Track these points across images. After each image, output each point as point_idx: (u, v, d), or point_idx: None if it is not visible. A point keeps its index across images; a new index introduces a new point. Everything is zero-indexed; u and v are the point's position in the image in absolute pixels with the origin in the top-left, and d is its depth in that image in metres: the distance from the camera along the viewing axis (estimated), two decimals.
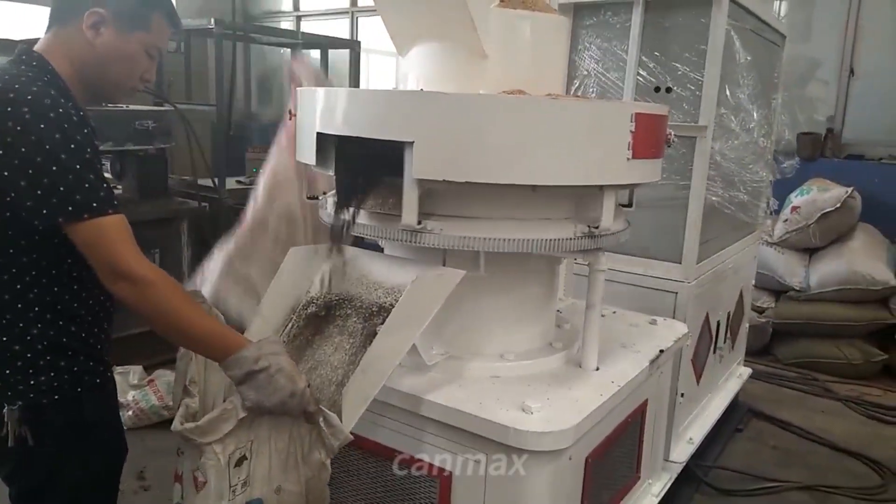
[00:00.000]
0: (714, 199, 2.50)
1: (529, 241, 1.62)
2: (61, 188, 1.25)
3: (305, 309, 1.74)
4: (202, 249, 4.36)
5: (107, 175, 4.43)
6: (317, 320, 1.72)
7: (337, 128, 1.66)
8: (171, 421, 3.26)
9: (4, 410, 1.35)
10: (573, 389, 1.75)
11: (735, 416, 3.47)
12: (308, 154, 1.76)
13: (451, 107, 1.51)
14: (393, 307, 1.63)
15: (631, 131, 1.62)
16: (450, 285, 1.61)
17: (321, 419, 1.36)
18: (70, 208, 1.26)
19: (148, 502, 2.72)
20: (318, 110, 1.71)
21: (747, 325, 3.58)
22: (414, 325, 1.55)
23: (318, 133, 1.70)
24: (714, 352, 2.98)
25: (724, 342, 3.09)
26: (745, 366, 3.68)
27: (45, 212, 1.26)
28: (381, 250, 1.97)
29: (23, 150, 1.24)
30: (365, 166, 1.67)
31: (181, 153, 4.37)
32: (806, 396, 3.94)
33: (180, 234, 4.15)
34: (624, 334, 2.14)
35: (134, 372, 3.39)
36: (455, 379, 1.76)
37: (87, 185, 1.27)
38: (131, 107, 3.91)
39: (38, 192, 1.25)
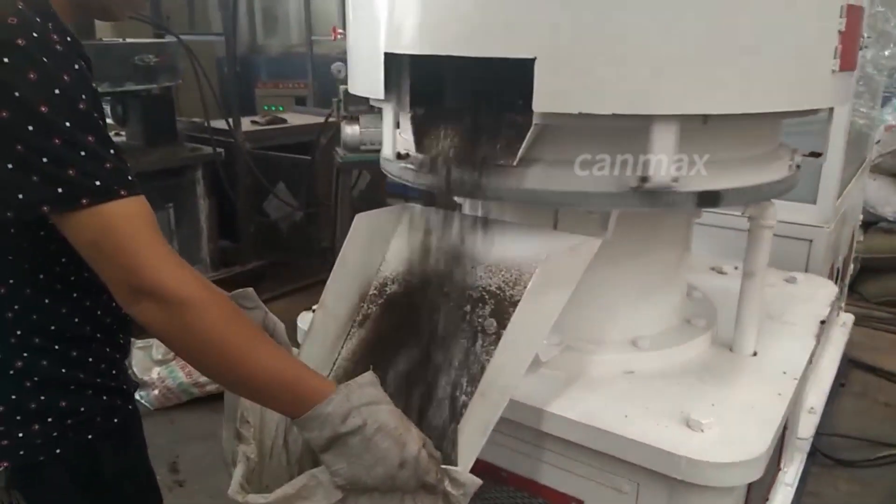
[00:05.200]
0: (862, 122, 2.00)
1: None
2: (44, 159, 0.81)
3: (379, 295, 1.31)
4: (221, 201, 3.99)
5: (108, 121, 3.95)
6: (395, 310, 1.29)
7: (413, 45, 1.18)
8: (202, 400, 2.80)
9: None
10: (739, 388, 1.32)
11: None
12: (372, 85, 1.28)
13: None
14: (503, 292, 1.20)
15: (840, 31, 1.13)
16: (585, 259, 1.17)
17: (446, 482, 0.94)
18: (59, 190, 0.82)
19: (185, 499, 2.37)
20: (384, 20, 1.22)
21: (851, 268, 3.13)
22: (542, 322, 1.11)
23: (385, 54, 1.22)
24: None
25: (842, 292, 2.66)
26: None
27: (20, 197, 0.83)
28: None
29: None
30: (458, 97, 1.19)
31: (187, 92, 3.88)
32: None
33: (195, 184, 3.71)
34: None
35: (158, 346, 3.01)
36: (578, 378, 1.34)
37: (82, 154, 0.83)
38: (129, 40, 3.39)
39: (9, 166, 0.82)
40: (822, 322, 1.62)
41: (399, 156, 1.27)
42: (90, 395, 1.00)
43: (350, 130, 3.13)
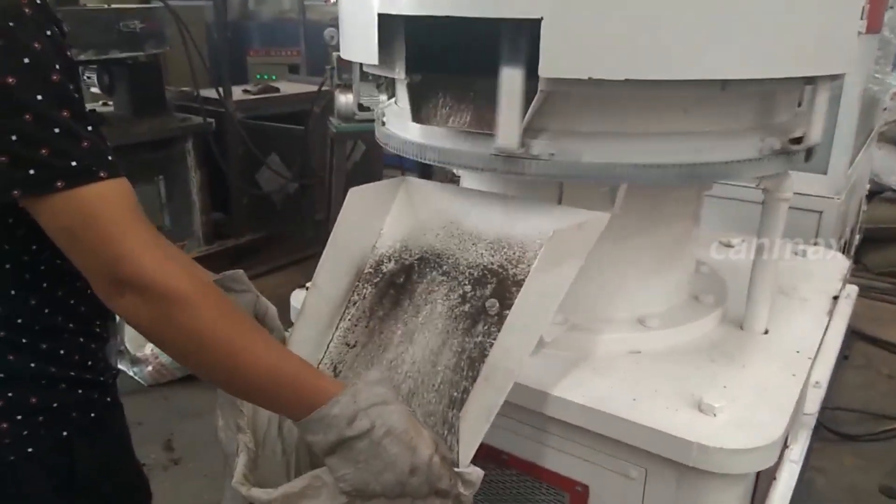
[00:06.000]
0: (877, 88, 1.92)
1: None
2: (12, 138, 0.75)
3: (375, 273, 1.24)
4: (212, 173, 3.89)
5: (94, 90, 3.78)
6: (392, 290, 1.22)
7: (410, 4, 1.10)
8: (196, 378, 2.74)
9: None
10: (751, 369, 1.27)
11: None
12: (364, 49, 1.20)
13: None
14: (505, 270, 1.14)
15: None
16: (593, 236, 1.10)
17: (459, 483, 0.89)
18: (31, 172, 0.76)
19: (180, 478, 2.33)
20: None
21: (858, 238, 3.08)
22: (548, 302, 1.05)
23: (379, 15, 1.14)
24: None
25: (850, 265, 2.60)
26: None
27: None
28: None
29: None
30: (460, 62, 1.11)
31: (175, 60, 3.77)
32: None
33: (185, 155, 3.61)
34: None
35: None
36: (584, 359, 1.29)
37: (56, 131, 0.76)
38: (113, 5, 3.27)
39: None
40: (835, 298, 1.57)
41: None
42: (63, 389, 0.94)
43: (344, 99, 3.03)
